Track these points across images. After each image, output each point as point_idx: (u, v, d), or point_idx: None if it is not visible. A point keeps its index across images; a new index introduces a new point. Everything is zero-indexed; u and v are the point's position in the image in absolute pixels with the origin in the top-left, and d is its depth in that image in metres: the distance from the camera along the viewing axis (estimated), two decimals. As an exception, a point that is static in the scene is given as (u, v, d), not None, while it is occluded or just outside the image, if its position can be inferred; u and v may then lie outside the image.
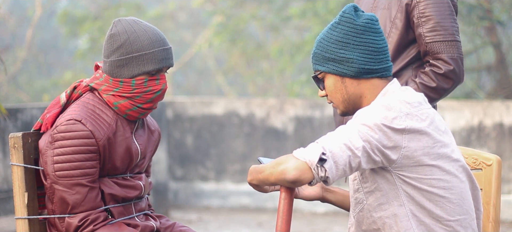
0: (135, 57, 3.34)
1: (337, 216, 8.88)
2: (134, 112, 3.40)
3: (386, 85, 2.98)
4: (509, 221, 8.41)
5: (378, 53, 2.95)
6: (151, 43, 3.35)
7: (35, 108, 7.54)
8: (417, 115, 2.88)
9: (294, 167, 2.78)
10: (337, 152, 2.78)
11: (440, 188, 2.90)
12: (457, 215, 2.93)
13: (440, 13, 3.82)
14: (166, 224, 3.56)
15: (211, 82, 19.03)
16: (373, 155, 2.82)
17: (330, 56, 2.96)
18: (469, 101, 8.92)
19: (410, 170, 2.88)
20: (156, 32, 3.38)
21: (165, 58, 3.37)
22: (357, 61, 2.93)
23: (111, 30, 3.38)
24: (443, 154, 2.90)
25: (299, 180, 2.78)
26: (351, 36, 2.94)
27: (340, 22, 2.96)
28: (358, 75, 2.95)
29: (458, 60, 3.82)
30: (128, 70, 3.35)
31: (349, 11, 2.96)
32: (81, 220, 3.29)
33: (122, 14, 15.38)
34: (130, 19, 3.40)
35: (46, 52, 18.67)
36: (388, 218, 2.93)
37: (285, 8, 13.63)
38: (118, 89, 3.36)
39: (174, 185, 9.75)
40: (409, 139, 2.85)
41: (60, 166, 3.27)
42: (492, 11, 10.05)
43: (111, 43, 3.36)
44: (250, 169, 2.92)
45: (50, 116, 3.38)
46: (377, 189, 2.93)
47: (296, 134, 9.32)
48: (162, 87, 3.39)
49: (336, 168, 2.78)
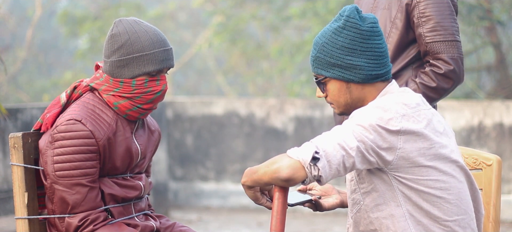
0: (136, 57, 3.34)
1: (337, 216, 8.88)
2: (134, 112, 3.40)
3: (386, 86, 2.99)
4: (509, 221, 8.40)
5: (382, 57, 2.95)
6: (152, 44, 3.35)
7: (35, 108, 7.54)
8: (414, 117, 2.88)
9: (287, 165, 2.78)
10: (330, 152, 2.78)
11: (437, 188, 2.90)
12: (455, 215, 2.93)
13: (440, 13, 3.82)
14: (166, 224, 3.55)
15: (211, 82, 19.03)
16: (368, 155, 2.82)
17: (336, 62, 2.94)
18: (469, 101, 8.92)
19: (406, 171, 2.88)
20: (157, 33, 3.38)
21: (166, 59, 3.37)
22: (365, 68, 2.92)
23: (112, 30, 3.38)
24: (440, 155, 2.90)
25: (292, 179, 2.78)
26: (357, 42, 2.92)
27: (345, 27, 2.93)
28: (365, 81, 2.94)
29: (458, 60, 3.82)
30: (129, 71, 3.35)
31: (354, 16, 2.93)
32: (81, 220, 3.29)
33: (122, 14, 15.38)
34: (131, 19, 3.40)
35: (46, 52, 18.67)
36: (385, 218, 2.93)
37: (285, 8, 13.62)
38: (119, 89, 3.36)
39: (174, 185, 9.75)
40: (405, 141, 2.85)
41: (60, 166, 3.27)
42: (492, 11, 10.05)
43: (111, 43, 3.36)
44: (245, 171, 2.91)
45: (50, 116, 3.38)
46: (373, 189, 2.94)
47: (296, 134, 9.32)
48: (162, 88, 3.39)
49: (330, 167, 2.78)
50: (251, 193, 2.94)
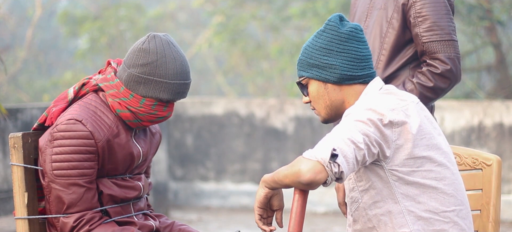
0: (156, 81, 3.32)
1: (337, 216, 8.88)
2: (133, 124, 3.40)
3: (364, 89, 3.04)
4: (509, 221, 8.41)
5: (361, 60, 3.02)
6: (175, 74, 3.33)
7: (35, 108, 7.55)
8: (403, 110, 2.93)
9: (308, 169, 2.78)
10: (343, 147, 2.80)
11: (432, 179, 2.93)
12: (453, 205, 2.96)
13: (436, 12, 3.82)
14: (166, 223, 3.55)
15: (211, 82, 19.03)
16: (372, 147, 2.86)
17: (314, 62, 3.02)
18: (469, 101, 8.92)
19: (402, 163, 2.91)
20: (184, 63, 3.35)
21: (182, 92, 3.37)
22: (340, 68, 3.00)
23: (143, 43, 3.35)
24: (433, 145, 2.94)
25: (314, 181, 2.78)
26: (334, 43, 3.00)
27: (325, 30, 3.03)
28: (340, 81, 3.01)
29: (455, 59, 3.83)
30: (144, 89, 3.34)
31: (334, 20, 3.03)
32: (76, 220, 3.29)
33: (122, 14, 15.38)
34: (165, 39, 3.36)
35: (46, 52, 18.67)
36: (383, 215, 2.96)
37: (285, 8, 13.63)
38: (126, 100, 3.35)
39: (174, 185, 9.75)
40: (399, 132, 2.89)
41: (58, 165, 3.27)
42: (492, 11, 10.06)
43: (138, 56, 3.34)
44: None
45: (56, 111, 3.37)
46: (371, 187, 2.97)
47: (296, 134, 9.31)
48: (166, 114, 3.39)
49: (347, 162, 2.80)
50: (263, 195, 2.94)
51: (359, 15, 4.00)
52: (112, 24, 15.21)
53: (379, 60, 3.88)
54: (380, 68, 3.87)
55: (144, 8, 16.03)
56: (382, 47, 3.88)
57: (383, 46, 3.87)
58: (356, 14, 4.02)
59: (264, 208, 2.98)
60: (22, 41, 17.41)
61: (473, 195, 3.31)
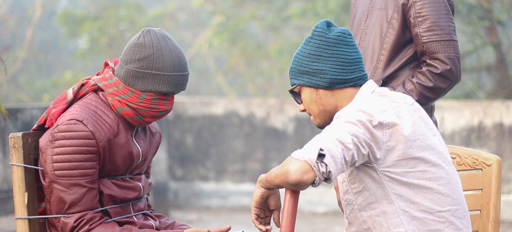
0: (154, 74, 3.32)
1: (337, 216, 8.88)
2: (135, 121, 3.40)
3: (357, 92, 3.06)
4: (509, 221, 8.41)
5: (350, 64, 3.04)
6: (173, 66, 3.33)
7: (35, 108, 7.55)
8: (395, 111, 2.94)
9: (295, 169, 2.79)
10: (331, 147, 2.81)
11: (426, 179, 2.94)
12: (448, 205, 2.97)
13: (436, 12, 3.83)
14: (166, 223, 3.55)
15: (211, 82, 19.03)
16: (361, 148, 2.87)
17: (304, 69, 3.05)
18: (469, 101, 8.93)
19: (395, 164, 2.92)
20: (180, 55, 3.35)
21: (181, 83, 3.37)
22: (329, 72, 3.02)
23: (138, 38, 3.35)
24: (426, 146, 2.95)
25: (301, 181, 2.79)
26: (323, 49, 3.03)
27: (313, 37, 3.06)
28: (331, 86, 3.04)
29: (455, 59, 3.83)
30: (143, 84, 3.33)
31: (321, 26, 3.06)
32: (77, 220, 3.29)
33: (122, 14, 15.38)
34: (160, 33, 3.37)
35: (46, 52, 18.66)
36: (378, 216, 2.97)
37: (285, 8, 13.63)
38: (126, 97, 3.35)
39: (174, 185, 9.75)
40: (390, 134, 2.90)
41: (59, 165, 3.27)
42: (492, 11, 10.06)
43: (134, 52, 3.34)
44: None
45: (55, 112, 3.37)
46: (365, 189, 2.98)
47: (296, 134, 9.32)
48: (167, 108, 3.39)
49: (335, 162, 2.81)
50: (259, 195, 2.96)
51: (359, 15, 4.00)
52: (112, 24, 15.21)
53: (379, 60, 3.88)
54: (380, 68, 3.87)
55: (144, 8, 16.03)
56: (382, 47, 3.88)
57: (383, 46, 3.88)
58: (356, 14, 4.02)
59: (260, 208, 3.00)
60: (22, 41, 17.41)
61: (473, 195, 3.31)
